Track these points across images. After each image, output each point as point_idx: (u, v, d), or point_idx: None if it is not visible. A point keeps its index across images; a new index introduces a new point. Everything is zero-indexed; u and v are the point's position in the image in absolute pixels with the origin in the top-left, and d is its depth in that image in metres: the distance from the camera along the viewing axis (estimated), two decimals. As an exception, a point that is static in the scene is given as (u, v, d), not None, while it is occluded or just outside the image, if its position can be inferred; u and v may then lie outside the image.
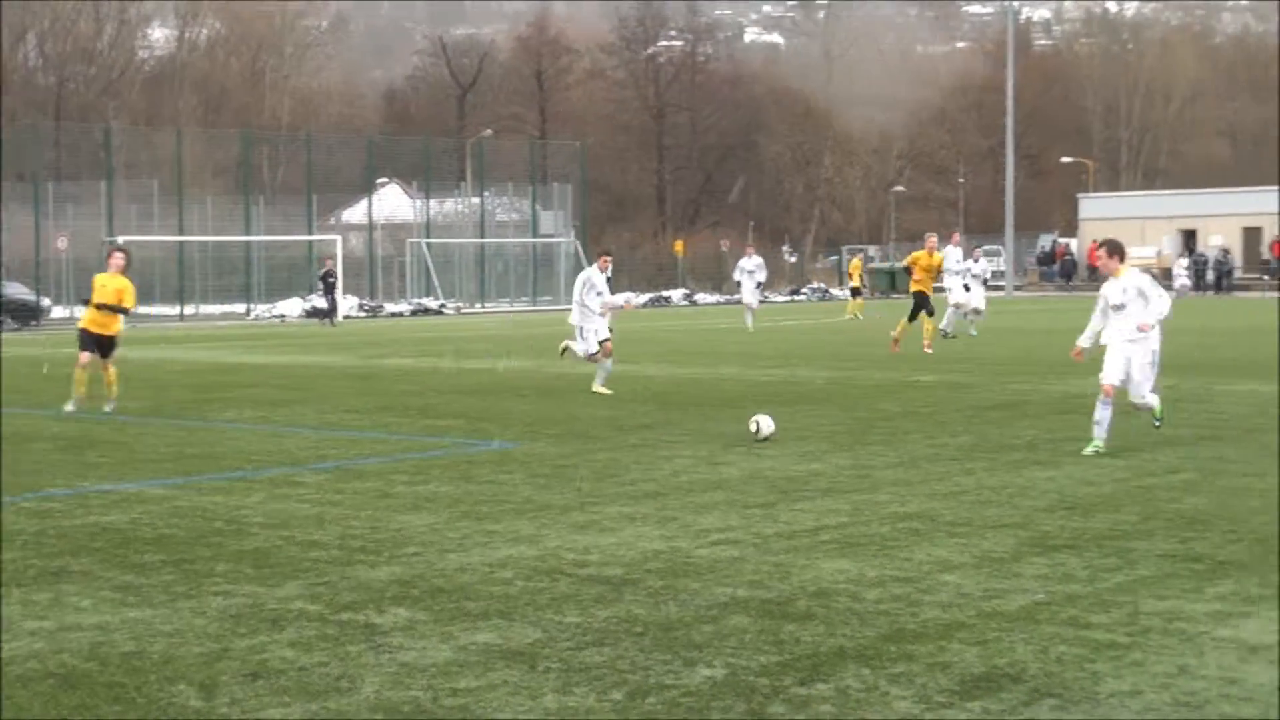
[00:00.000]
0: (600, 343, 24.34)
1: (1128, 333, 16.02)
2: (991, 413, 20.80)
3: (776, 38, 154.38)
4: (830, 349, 37.32)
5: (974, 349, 35.11)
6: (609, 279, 25.45)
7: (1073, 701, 7.26)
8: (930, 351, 32.43)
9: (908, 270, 35.64)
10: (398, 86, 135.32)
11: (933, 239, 37.16)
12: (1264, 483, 14.06)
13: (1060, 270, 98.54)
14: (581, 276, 25.37)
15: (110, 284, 22.07)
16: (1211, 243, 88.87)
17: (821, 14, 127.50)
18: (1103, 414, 16.03)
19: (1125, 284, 15.98)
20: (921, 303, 34.11)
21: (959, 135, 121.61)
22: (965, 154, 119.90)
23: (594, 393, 24.04)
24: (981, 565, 10.49)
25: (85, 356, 22.04)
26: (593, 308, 24.48)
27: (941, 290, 38.39)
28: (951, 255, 40.43)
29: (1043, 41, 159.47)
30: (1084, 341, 16.86)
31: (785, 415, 20.52)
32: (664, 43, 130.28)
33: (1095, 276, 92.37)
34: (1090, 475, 14.63)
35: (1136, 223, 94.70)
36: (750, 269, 53.37)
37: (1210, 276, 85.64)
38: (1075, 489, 13.83)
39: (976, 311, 41.99)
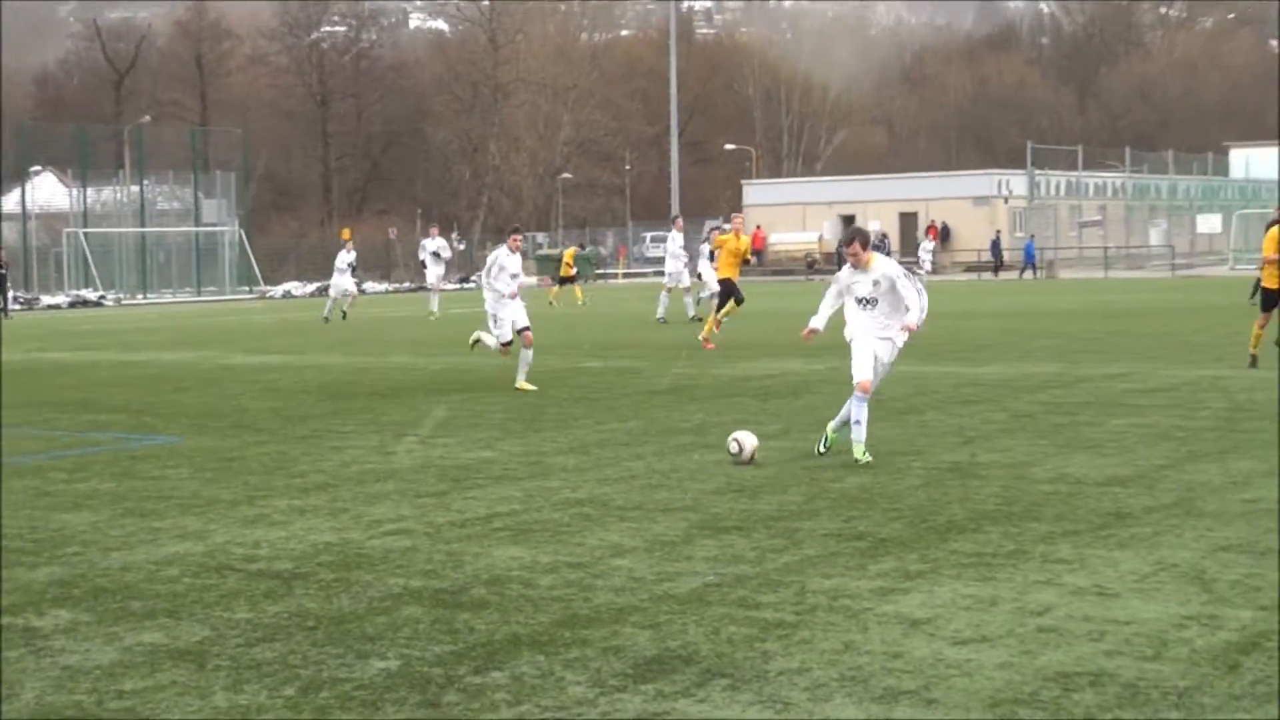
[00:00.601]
0: (519, 331, 22.47)
1: (878, 329, 14.53)
2: (660, 397, 21.01)
3: (441, 24, 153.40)
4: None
5: (644, 335, 35.34)
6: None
7: (744, 680, 7.39)
8: (710, 346, 30.20)
9: (711, 255, 32.74)
10: (50, 71, 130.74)
11: (739, 219, 34.28)
12: (921, 461, 14.51)
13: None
14: (490, 257, 23.09)
15: None
16: (870, 227, 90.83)
17: (486, 1, 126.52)
18: (861, 412, 14.32)
19: (876, 276, 14.23)
20: (730, 291, 31.28)
21: (625, 122, 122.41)
22: (631, 141, 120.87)
23: (517, 389, 22.07)
24: (653, 549, 10.60)
25: None
26: (503, 290, 22.38)
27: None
28: (675, 240, 40.14)
29: (705, 30, 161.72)
30: (817, 323, 14.94)
31: (458, 403, 20.51)
32: (327, 29, 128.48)
33: (762, 260, 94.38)
34: (757, 458, 14.86)
35: (798, 208, 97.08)
36: (434, 249, 52.28)
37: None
38: (742, 472, 14.06)
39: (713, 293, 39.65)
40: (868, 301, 14.40)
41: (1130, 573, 9.52)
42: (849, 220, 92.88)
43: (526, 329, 22.46)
